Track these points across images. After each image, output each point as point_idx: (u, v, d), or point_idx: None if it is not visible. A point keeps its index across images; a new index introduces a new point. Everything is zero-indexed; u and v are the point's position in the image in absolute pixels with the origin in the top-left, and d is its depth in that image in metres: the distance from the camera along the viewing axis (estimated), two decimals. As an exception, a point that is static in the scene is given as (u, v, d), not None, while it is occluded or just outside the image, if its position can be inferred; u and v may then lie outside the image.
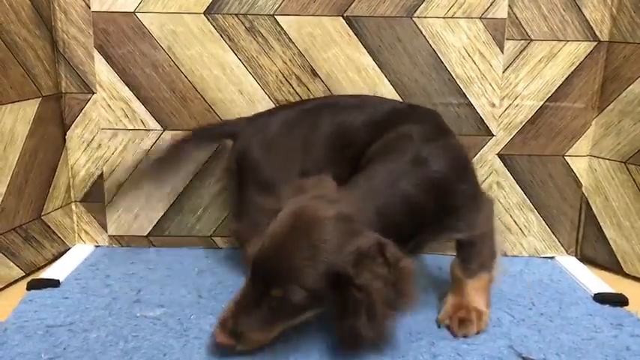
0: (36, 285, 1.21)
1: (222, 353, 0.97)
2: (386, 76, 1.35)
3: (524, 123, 1.38)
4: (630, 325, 1.11)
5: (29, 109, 1.28)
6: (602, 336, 1.07)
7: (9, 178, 1.24)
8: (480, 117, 1.37)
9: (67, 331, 1.05)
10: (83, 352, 0.98)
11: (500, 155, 1.39)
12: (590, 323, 1.12)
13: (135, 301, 1.17)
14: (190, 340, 1.03)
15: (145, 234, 1.45)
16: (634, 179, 1.33)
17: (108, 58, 1.34)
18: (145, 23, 1.32)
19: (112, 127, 1.38)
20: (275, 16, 1.32)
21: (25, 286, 1.22)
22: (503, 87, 1.36)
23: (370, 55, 1.34)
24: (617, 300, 1.20)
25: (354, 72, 1.35)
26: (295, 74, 1.35)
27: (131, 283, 1.25)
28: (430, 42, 1.33)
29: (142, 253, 1.42)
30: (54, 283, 1.22)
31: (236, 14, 1.32)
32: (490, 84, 1.35)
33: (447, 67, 1.35)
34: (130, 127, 1.38)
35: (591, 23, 1.33)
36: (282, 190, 1.07)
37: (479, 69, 1.35)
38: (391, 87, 1.36)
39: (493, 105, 1.37)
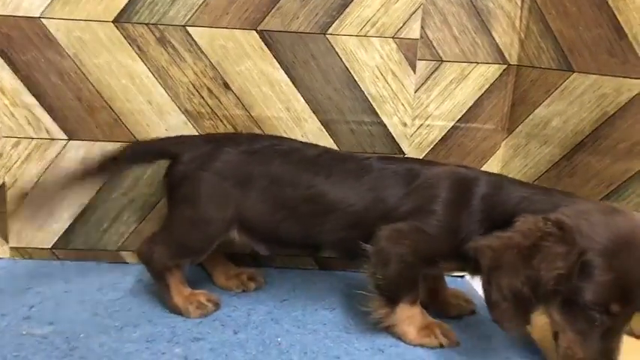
0: None
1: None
2: (299, 92, 1.34)
3: (435, 143, 1.39)
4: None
5: None
6: None
7: None
8: (392, 136, 1.38)
9: (-57, 350, 1.00)
10: (-45, 373, 0.94)
11: (411, 174, 1.40)
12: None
13: (25, 318, 1.13)
14: (74, 361, 0.99)
15: (49, 246, 1.39)
16: (539, 201, 1.35)
17: (11, 64, 1.29)
18: (51, 29, 1.28)
19: (15, 135, 1.32)
20: (186, 27, 1.30)
21: None
22: (414, 107, 1.37)
23: (284, 70, 1.33)
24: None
25: (268, 86, 1.34)
26: (207, 86, 1.33)
27: (25, 298, 1.21)
28: (343, 60, 1.33)
29: (44, 267, 1.36)
30: (-60, 298, 1.17)
31: (146, 24, 1.29)
32: (402, 103, 1.36)
33: (360, 85, 1.35)
34: (34, 135, 1.32)
35: (501, 47, 1.36)
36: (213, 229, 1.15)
37: (391, 88, 1.35)
38: (305, 103, 1.35)
39: (405, 124, 1.37)
